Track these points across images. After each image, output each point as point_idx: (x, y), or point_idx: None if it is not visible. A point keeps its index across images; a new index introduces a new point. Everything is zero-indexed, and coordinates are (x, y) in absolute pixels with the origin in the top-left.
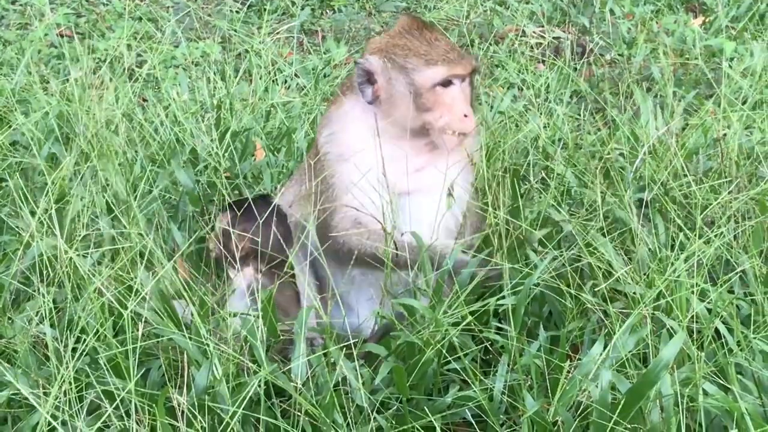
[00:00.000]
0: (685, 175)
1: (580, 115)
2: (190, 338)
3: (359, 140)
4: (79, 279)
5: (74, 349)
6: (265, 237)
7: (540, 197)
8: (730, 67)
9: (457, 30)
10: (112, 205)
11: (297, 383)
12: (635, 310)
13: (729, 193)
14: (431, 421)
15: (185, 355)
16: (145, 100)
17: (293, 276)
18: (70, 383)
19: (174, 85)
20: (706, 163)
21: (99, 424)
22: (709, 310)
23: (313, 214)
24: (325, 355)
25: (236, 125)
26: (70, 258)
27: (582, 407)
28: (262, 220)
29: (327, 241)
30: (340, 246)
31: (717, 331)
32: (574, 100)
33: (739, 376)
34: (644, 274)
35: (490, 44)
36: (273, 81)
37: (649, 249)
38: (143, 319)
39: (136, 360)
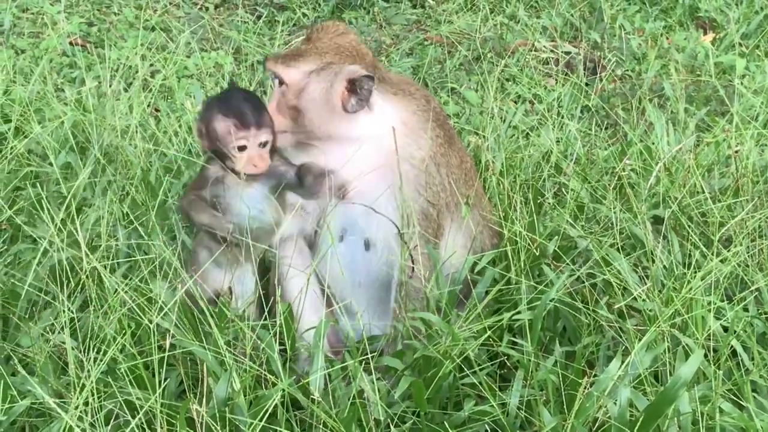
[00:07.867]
0: (701, 192)
1: (591, 130)
2: (209, 349)
3: None
4: (98, 286)
5: (94, 359)
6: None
7: (554, 212)
8: (742, 84)
9: (469, 44)
10: (131, 216)
11: (315, 395)
12: (652, 327)
13: (746, 212)
14: None
15: (204, 366)
16: (157, 110)
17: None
18: (92, 392)
19: (188, 96)
20: (721, 181)
21: None
22: (725, 328)
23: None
24: (343, 369)
25: None
26: (93, 267)
27: (598, 423)
28: None
29: None
30: None
31: (732, 348)
32: (585, 116)
33: (753, 394)
34: (660, 292)
35: (502, 58)
36: None
37: (665, 266)
38: (170, 333)
39: (163, 371)
